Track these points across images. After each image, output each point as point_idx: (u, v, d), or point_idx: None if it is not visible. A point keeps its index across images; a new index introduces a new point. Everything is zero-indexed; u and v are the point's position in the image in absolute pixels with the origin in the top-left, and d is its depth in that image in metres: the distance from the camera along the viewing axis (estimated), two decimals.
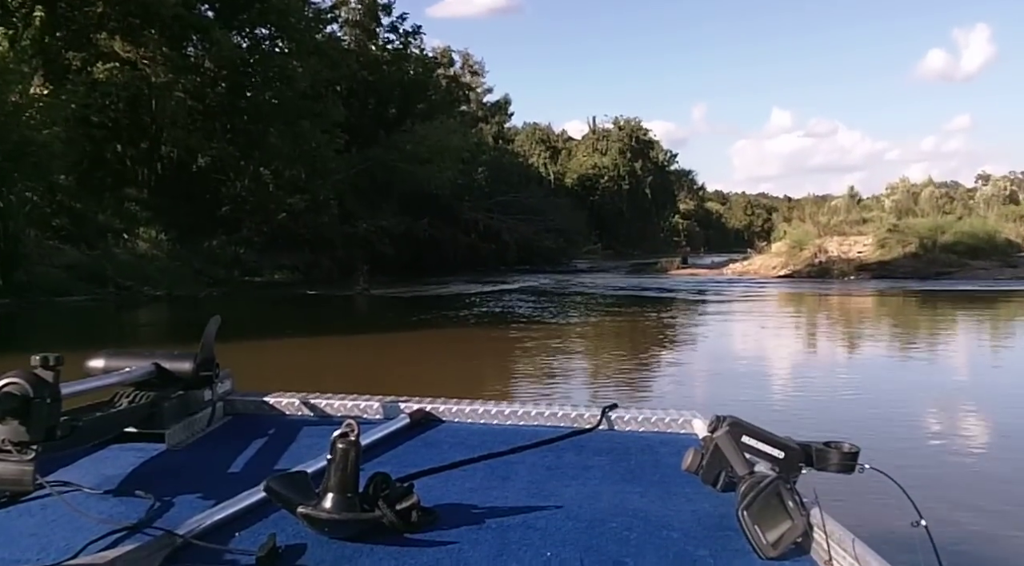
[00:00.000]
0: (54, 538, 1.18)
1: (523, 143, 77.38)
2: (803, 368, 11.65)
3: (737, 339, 15.33)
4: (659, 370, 11.41)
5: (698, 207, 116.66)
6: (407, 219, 37.28)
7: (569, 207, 55.21)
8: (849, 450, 1.32)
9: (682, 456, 1.45)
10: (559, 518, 1.31)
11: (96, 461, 1.57)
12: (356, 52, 40.83)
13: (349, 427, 1.20)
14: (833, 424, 7.23)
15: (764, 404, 8.38)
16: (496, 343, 13.86)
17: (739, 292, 25.98)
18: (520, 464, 1.62)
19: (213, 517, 1.23)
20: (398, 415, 1.93)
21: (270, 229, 32.11)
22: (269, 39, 33.67)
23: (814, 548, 1.19)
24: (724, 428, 1.38)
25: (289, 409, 2.03)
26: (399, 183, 37.16)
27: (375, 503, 1.19)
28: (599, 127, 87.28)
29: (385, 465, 1.40)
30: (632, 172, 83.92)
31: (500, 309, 19.50)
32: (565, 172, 78.71)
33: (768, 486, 1.23)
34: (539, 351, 12.51)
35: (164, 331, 15.52)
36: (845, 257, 31.93)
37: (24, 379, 1.21)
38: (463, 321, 17.33)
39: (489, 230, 42.05)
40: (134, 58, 28.00)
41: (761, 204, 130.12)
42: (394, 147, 37.48)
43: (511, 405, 2.00)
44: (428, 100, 44.25)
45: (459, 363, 11.81)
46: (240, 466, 1.62)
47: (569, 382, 10.23)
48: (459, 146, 39.03)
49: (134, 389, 1.71)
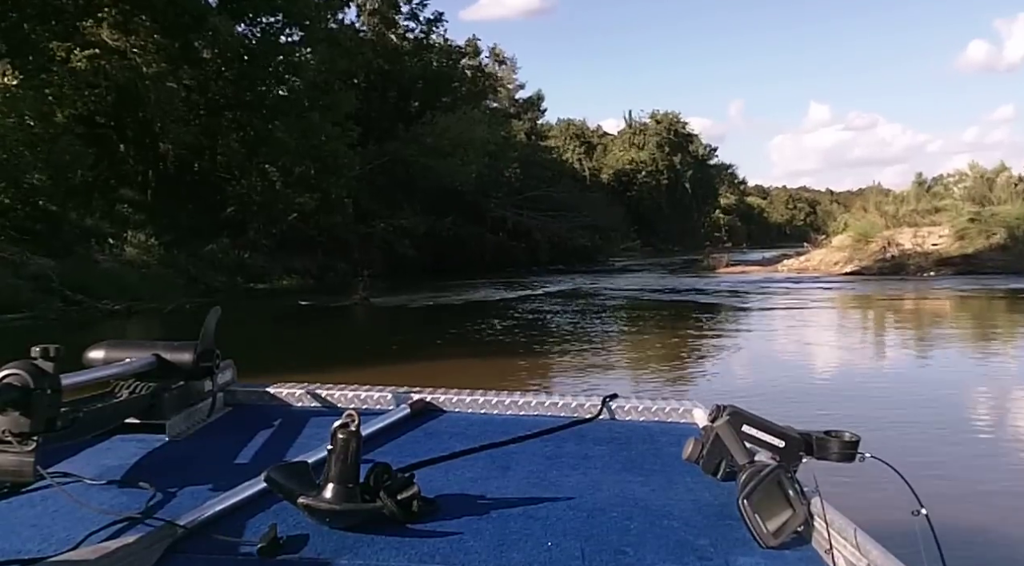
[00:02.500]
0: (55, 529, 1.19)
1: (557, 139, 74.36)
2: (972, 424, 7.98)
3: (843, 367, 11.50)
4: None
5: (739, 202, 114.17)
6: (429, 218, 34.46)
7: (605, 202, 51.85)
8: (850, 439, 1.32)
9: (683, 445, 1.47)
10: (560, 508, 1.32)
11: (97, 452, 1.57)
12: (374, 42, 37.99)
13: (350, 417, 1.21)
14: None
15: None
16: (520, 380, 9.97)
17: (808, 295, 22.44)
18: (521, 454, 1.62)
19: (214, 507, 1.23)
20: (399, 405, 1.93)
21: (279, 231, 29.35)
22: (276, 28, 30.84)
23: (814, 537, 1.21)
24: (724, 417, 1.40)
25: (290, 400, 2.03)
26: (420, 179, 34.31)
27: (376, 493, 1.20)
28: (635, 121, 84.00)
29: (386, 455, 1.43)
30: (671, 166, 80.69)
31: (527, 323, 16.31)
32: (601, 168, 75.66)
33: (768, 475, 1.23)
34: (582, 387, 9.26)
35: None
36: (920, 250, 28.33)
37: (25, 370, 1.20)
38: (479, 342, 13.45)
39: (519, 228, 38.98)
40: (123, 47, 25.32)
41: (803, 198, 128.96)
42: (413, 140, 34.62)
43: (512, 395, 2.00)
44: (453, 92, 41.38)
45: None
46: (241, 457, 1.61)
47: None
48: (484, 138, 36.00)
49: (134, 380, 1.71)
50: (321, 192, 29.88)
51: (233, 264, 26.96)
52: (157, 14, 25.66)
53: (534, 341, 13.32)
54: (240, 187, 29.54)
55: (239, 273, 26.87)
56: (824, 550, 1.16)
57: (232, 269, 26.76)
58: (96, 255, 22.10)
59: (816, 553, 1.18)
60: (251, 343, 11.14)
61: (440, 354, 11.69)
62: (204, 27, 26.25)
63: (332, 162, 29.79)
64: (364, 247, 31.69)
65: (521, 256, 38.46)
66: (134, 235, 23.48)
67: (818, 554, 1.17)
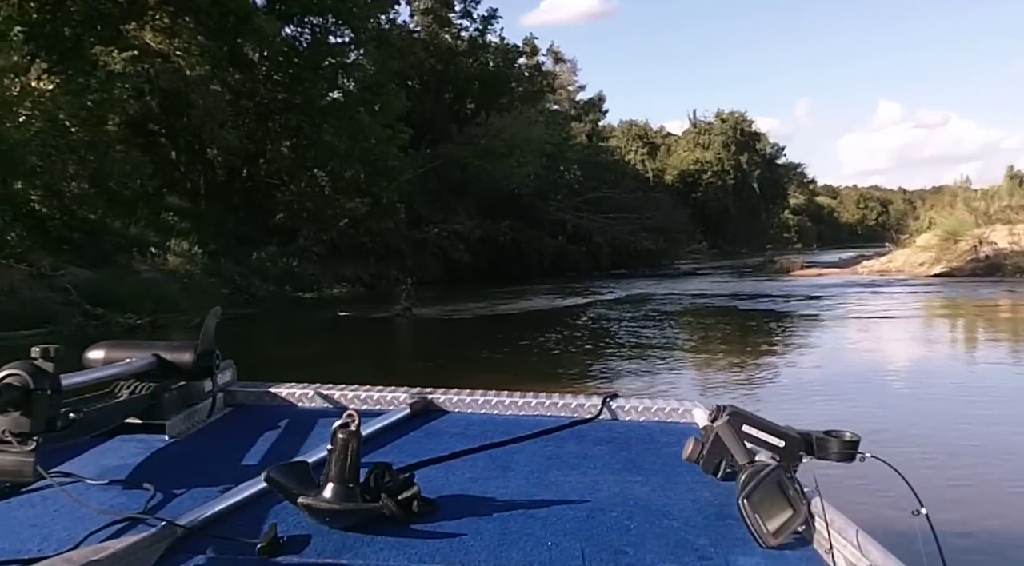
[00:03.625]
0: (55, 529, 1.19)
1: (619, 140, 72.60)
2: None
3: (954, 394, 9.25)
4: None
5: (808, 202, 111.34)
6: (485, 222, 33.15)
7: (669, 203, 49.78)
8: (850, 439, 1.32)
9: (683, 445, 1.47)
10: (560, 507, 1.32)
11: (97, 452, 1.58)
12: (427, 41, 36.88)
13: (350, 417, 1.21)
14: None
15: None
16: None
17: (896, 299, 20.31)
18: (521, 454, 1.62)
19: (214, 507, 1.23)
20: (399, 405, 1.93)
21: (329, 238, 28.35)
22: (326, 29, 29.91)
23: (815, 537, 1.21)
24: (724, 417, 1.40)
25: (290, 399, 2.03)
26: (474, 182, 33.08)
27: (376, 493, 1.20)
28: (700, 121, 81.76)
29: (386, 455, 1.43)
30: (737, 166, 78.32)
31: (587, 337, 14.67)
32: (665, 169, 73.70)
33: (768, 475, 1.23)
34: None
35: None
36: (1018, 249, 25.82)
37: (24, 370, 1.20)
38: (530, 362, 11.65)
39: (579, 231, 37.32)
40: (167, 50, 24.61)
41: (874, 197, 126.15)
42: (467, 142, 33.30)
43: (512, 395, 1.99)
44: (510, 92, 40.05)
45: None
46: (241, 456, 1.61)
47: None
48: (541, 138, 34.45)
49: (134, 380, 1.70)
50: (372, 197, 28.80)
51: (281, 273, 26.04)
52: (201, 15, 24.93)
53: (596, 360, 11.73)
54: (289, 193, 28.63)
55: (287, 282, 25.95)
56: (824, 550, 1.16)
57: (280, 278, 25.84)
58: (138, 265, 21.32)
59: (816, 553, 1.18)
60: (262, 362, 9.77)
61: (483, 379, 9.74)
62: (249, 28, 25.37)
63: (383, 166, 28.70)
64: (417, 253, 30.52)
65: (581, 260, 36.83)
66: (177, 243, 22.60)
67: (818, 554, 1.17)
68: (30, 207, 19.31)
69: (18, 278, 14.69)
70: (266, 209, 29.35)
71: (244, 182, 30.33)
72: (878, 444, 5.83)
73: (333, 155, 28.08)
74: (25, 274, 14.97)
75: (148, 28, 24.47)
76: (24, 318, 13.50)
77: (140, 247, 21.97)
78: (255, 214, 29.58)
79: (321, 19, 29.46)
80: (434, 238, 31.16)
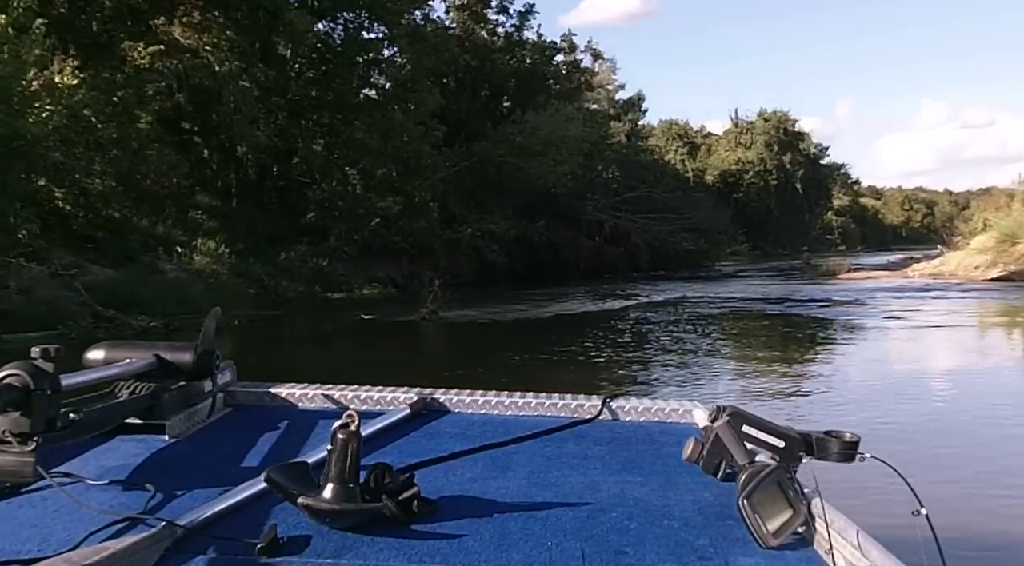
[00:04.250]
0: (55, 529, 1.19)
1: (658, 140, 71.39)
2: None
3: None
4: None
5: (852, 203, 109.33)
6: (520, 222, 32.30)
7: (711, 203, 48.51)
8: (850, 439, 1.32)
9: (683, 446, 1.46)
10: (560, 508, 1.31)
11: (97, 452, 1.57)
12: (462, 38, 36.15)
13: (350, 417, 1.20)
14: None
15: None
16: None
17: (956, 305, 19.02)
18: (521, 454, 1.62)
19: (214, 508, 1.23)
20: (399, 405, 1.93)
21: (361, 238, 27.72)
22: (358, 24, 29.32)
23: (815, 537, 1.21)
24: (724, 418, 1.40)
25: (290, 400, 2.03)
26: (509, 181, 32.22)
27: (376, 494, 1.20)
28: (742, 120, 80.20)
29: (386, 456, 1.44)
30: (780, 166, 76.73)
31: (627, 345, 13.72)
32: (705, 169, 72.47)
33: (768, 475, 1.23)
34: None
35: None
36: None
37: (24, 370, 1.20)
38: (562, 374, 10.36)
39: (617, 232, 36.30)
40: (196, 45, 24.16)
41: (919, 198, 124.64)
42: (502, 140, 32.47)
43: (512, 395, 1.98)
44: (547, 89, 39.14)
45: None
46: (241, 457, 1.60)
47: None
48: (578, 136, 33.46)
49: (134, 380, 1.70)
50: (404, 196, 28.10)
51: (311, 273, 25.47)
52: (230, 10, 24.44)
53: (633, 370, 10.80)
54: (320, 191, 28.06)
55: (317, 282, 25.39)
56: (824, 550, 1.16)
57: (310, 278, 25.29)
58: (163, 264, 20.86)
59: (816, 553, 1.18)
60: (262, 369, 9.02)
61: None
62: (280, 23, 24.82)
63: (415, 164, 27.97)
64: (451, 254, 29.79)
65: (619, 262, 35.84)
66: (203, 242, 22.10)
67: (818, 554, 1.18)
68: (54, 204, 18.95)
69: (29, 277, 14.14)
70: (297, 208, 28.88)
71: (275, 181, 29.89)
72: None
73: (365, 153, 27.45)
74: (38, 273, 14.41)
75: (177, 23, 24.00)
76: (35, 319, 12.96)
77: (166, 246, 21.54)
78: (286, 213, 29.12)
79: (354, 15, 28.87)
80: (468, 238, 30.41)
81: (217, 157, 29.17)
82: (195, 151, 29.13)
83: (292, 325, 17.95)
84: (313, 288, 24.95)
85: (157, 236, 22.15)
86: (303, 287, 24.61)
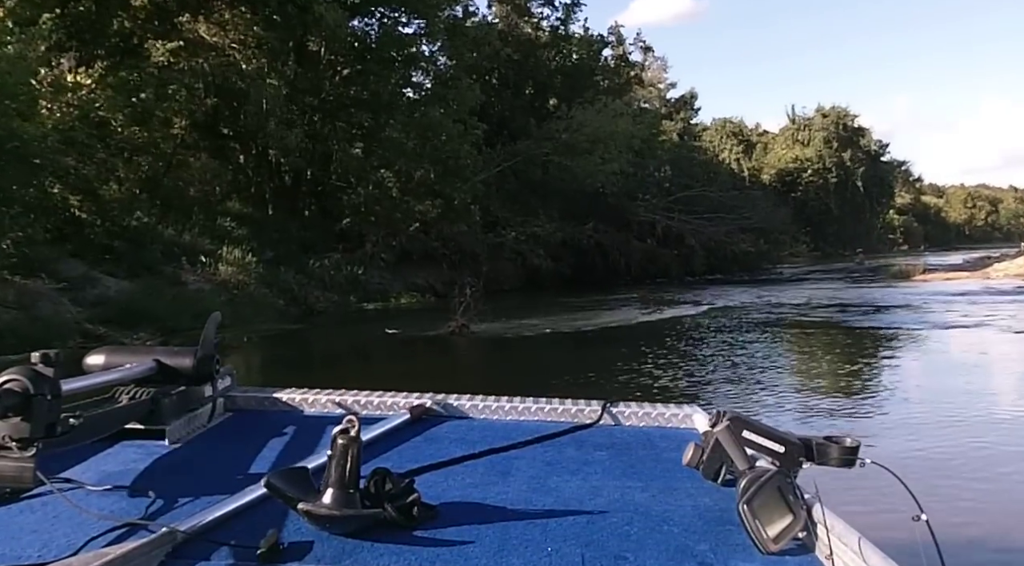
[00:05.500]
0: (55, 534, 1.19)
1: (712, 138, 69.16)
2: None
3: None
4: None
5: (915, 201, 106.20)
6: (567, 224, 30.62)
7: (770, 201, 46.18)
8: (850, 444, 1.32)
9: (683, 451, 1.46)
10: (560, 513, 1.32)
11: (97, 457, 1.58)
12: (506, 32, 34.57)
13: (350, 423, 1.20)
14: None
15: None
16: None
17: None
18: (521, 459, 1.62)
19: (214, 513, 1.23)
20: (399, 411, 1.92)
21: (399, 243, 26.28)
22: (395, 19, 27.90)
23: (815, 543, 1.21)
24: (724, 423, 1.39)
25: (290, 405, 2.02)
26: (555, 181, 30.53)
27: (376, 499, 1.20)
28: (799, 117, 77.58)
29: (386, 461, 1.45)
30: (840, 164, 73.98)
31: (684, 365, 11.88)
32: (761, 167, 70.09)
33: (769, 481, 1.23)
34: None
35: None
36: None
37: (24, 375, 1.20)
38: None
39: (669, 233, 34.39)
40: (221, 43, 22.98)
41: (982, 196, 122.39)
42: (547, 138, 30.79)
43: (512, 401, 1.99)
44: (595, 85, 37.36)
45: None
46: (241, 462, 1.60)
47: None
48: (627, 132, 31.60)
49: (135, 385, 1.71)
50: (443, 198, 26.64)
51: (345, 281, 24.09)
52: (258, 4, 23.21)
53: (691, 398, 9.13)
54: (356, 195, 26.72)
55: (352, 291, 24.01)
56: (824, 556, 1.16)
57: (344, 287, 23.91)
58: (186, 275, 19.64)
59: (817, 559, 1.18)
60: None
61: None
62: (310, 17, 23.49)
63: (455, 164, 26.43)
64: (494, 259, 28.20)
65: (672, 265, 33.94)
66: (229, 251, 20.85)
67: (819, 560, 1.18)
68: (70, 212, 17.83)
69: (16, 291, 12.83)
70: (333, 213, 27.66)
71: (310, 185, 28.67)
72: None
73: (401, 153, 26.01)
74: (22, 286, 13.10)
75: (203, 20, 22.83)
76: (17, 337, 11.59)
77: (191, 256, 20.35)
78: (322, 219, 27.95)
79: (390, 9, 27.46)
80: (512, 242, 28.80)
81: (251, 162, 28.08)
82: (231, 157, 28.18)
83: (306, 341, 16.41)
84: (347, 298, 23.60)
85: (183, 245, 20.97)
86: (337, 297, 23.29)
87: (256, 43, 23.09)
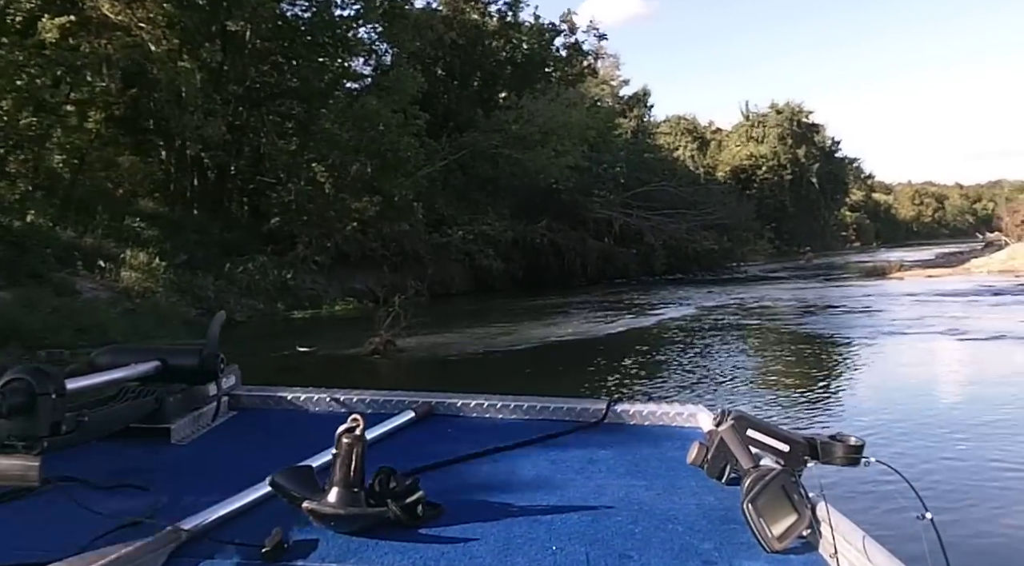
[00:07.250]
0: (60, 533, 1.18)
1: (667, 136, 67.88)
2: None
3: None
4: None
5: (867, 198, 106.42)
6: (519, 222, 28.51)
7: (732, 197, 44.55)
8: (855, 443, 1.30)
9: (687, 449, 1.44)
10: (564, 512, 1.31)
11: (102, 456, 1.57)
12: (450, 18, 32.35)
13: (355, 421, 1.20)
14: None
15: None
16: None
17: None
18: (525, 458, 1.62)
19: (219, 512, 1.23)
20: (403, 409, 1.92)
21: (334, 245, 23.90)
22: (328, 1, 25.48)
23: (820, 541, 1.20)
24: (729, 422, 1.38)
25: (294, 404, 2.02)
26: (505, 176, 28.46)
27: (381, 498, 1.20)
28: (753, 113, 76.79)
29: (390, 459, 1.39)
30: (794, 160, 73.50)
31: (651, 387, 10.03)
32: (716, 165, 69.13)
33: (773, 479, 1.23)
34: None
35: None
36: None
37: (30, 374, 1.20)
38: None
39: (628, 231, 32.43)
40: (128, 22, 20.39)
41: (929, 192, 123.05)
42: (495, 129, 28.63)
43: (516, 399, 1.98)
44: (546, 76, 35.36)
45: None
46: (246, 461, 1.59)
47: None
48: (582, 122, 29.60)
49: (139, 384, 1.71)
50: (382, 195, 24.28)
51: (273, 287, 21.66)
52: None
53: None
54: (286, 192, 24.27)
55: (280, 298, 21.60)
56: (829, 554, 1.16)
57: (271, 293, 21.49)
58: (81, 283, 17.12)
59: (821, 558, 1.17)
60: None
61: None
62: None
63: (394, 158, 24.05)
64: (439, 260, 26.02)
65: (631, 264, 32.00)
66: (133, 255, 18.35)
67: (823, 559, 1.17)
68: None
69: None
70: (261, 212, 25.22)
71: (238, 182, 26.17)
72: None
73: (335, 146, 23.61)
74: None
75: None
76: None
77: (89, 260, 17.84)
78: (251, 219, 25.51)
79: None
80: (459, 242, 26.58)
81: (172, 157, 25.51)
82: (153, 152, 25.65)
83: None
84: (275, 305, 21.21)
85: (84, 248, 18.44)
86: (262, 304, 20.88)
87: (167, 22, 20.52)
